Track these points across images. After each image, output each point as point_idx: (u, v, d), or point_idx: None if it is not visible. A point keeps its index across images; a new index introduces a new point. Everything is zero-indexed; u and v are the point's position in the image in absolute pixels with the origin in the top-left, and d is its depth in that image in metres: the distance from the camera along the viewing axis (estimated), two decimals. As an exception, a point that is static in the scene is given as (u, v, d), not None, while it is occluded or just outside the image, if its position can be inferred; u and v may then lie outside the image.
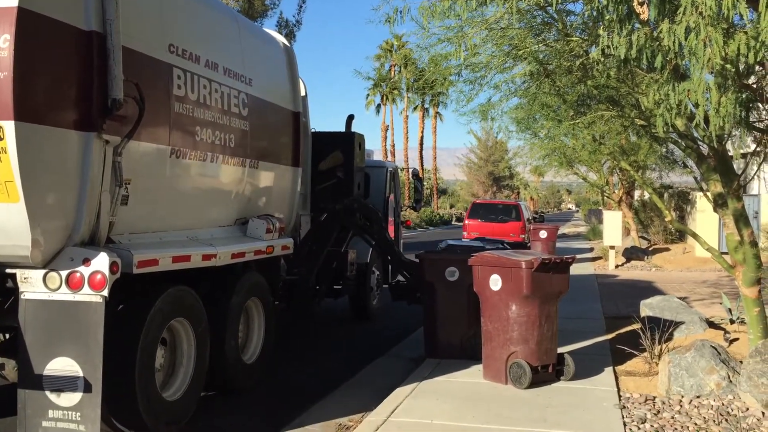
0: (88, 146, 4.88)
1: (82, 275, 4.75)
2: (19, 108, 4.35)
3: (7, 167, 4.38)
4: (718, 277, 15.81)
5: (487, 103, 8.10)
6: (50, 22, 4.59)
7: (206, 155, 6.32)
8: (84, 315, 4.72)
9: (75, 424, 4.64)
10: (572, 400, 6.17)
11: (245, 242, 6.93)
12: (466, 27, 6.28)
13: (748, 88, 4.99)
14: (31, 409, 4.71)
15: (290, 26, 26.22)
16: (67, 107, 4.78)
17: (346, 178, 10.22)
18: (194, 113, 6.10)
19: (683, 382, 6.29)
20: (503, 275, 6.67)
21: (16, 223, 4.52)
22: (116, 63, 4.91)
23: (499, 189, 73.24)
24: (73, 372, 4.66)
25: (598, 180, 23.13)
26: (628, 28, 4.39)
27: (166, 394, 5.64)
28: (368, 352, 8.75)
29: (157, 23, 5.74)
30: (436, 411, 5.86)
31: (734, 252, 6.89)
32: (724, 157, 6.68)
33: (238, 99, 6.85)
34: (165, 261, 5.42)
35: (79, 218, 4.89)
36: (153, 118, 5.45)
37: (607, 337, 8.94)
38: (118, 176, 5.10)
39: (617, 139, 10.70)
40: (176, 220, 6.09)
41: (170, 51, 5.80)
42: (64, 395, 4.66)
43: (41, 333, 4.74)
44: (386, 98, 59.04)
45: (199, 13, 6.58)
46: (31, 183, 4.47)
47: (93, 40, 4.87)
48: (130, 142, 5.19)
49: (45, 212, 4.66)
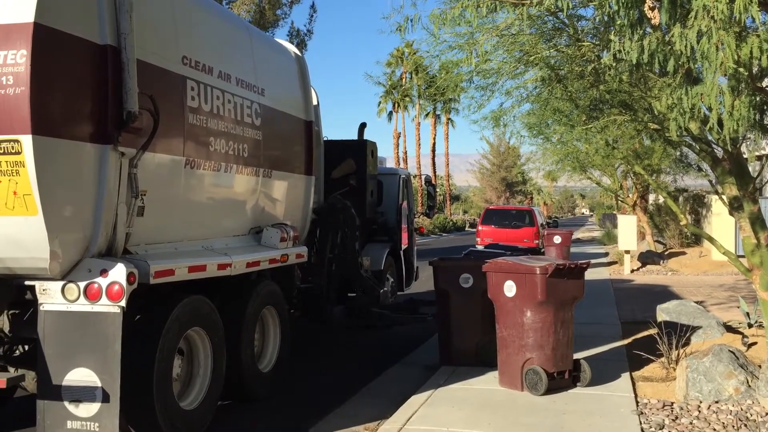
0: (104, 159, 4.93)
1: (99, 286, 4.80)
2: (37, 122, 4.40)
3: (25, 181, 4.44)
4: (735, 280, 15.67)
5: (499, 109, 8.11)
6: (66, 37, 4.64)
7: (220, 165, 6.37)
8: (102, 325, 4.77)
9: None
10: (589, 407, 6.13)
11: (260, 251, 6.95)
12: (476, 34, 6.31)
13: (762, 90, 4.96)
14: (50, 419, 4.75)
15: (301, 35, 26.33)
16: (83, 120, 4.83)
17: (359, 186, 10.22)
18: (208, 124, 6.14)
19: (701, 387, 6.23)
20: (517, 281, 6.65)
21: (35, 236, 4.57)
22: (131, 76, 4.97)
23: (512, 194, 73.05)
24: (92, 382, 4.70)
25: (612, 184, 23.05)
26: (639, 33, 4.38)
27: (184, 404, 5.66)
28: (383, 359, 8.75)
29: (170, 36, 5.79)
30: (451, 418, 5.84)
31: (751, 255, 6.84)
32: (739, 160, 6.64)
33: (251, 109, 6.89)
34: (181, 271, 5.46)
35: (96, 230, 4.93)
36: (167, 130, 5.51)
37: (624, 343, 8.88)
38: (134, 188, 5.16)
39: (631, 144, 10.66)
40: (191, 230, 6.13)
41: (183, 63, 5.85)
42: (83, 406, 4.70)
43: (60, 344, 4.79)
44: (398, 105, 59.12)
45: (211, 25, 6.63)
46: (48, 196, 4.52)
47: (108, 53, 4.92)
48: (145, 154, 5.25)
49: (63, 224, 4.70)
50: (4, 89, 4.39)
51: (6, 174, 4.46)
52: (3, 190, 4.49)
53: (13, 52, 4.39)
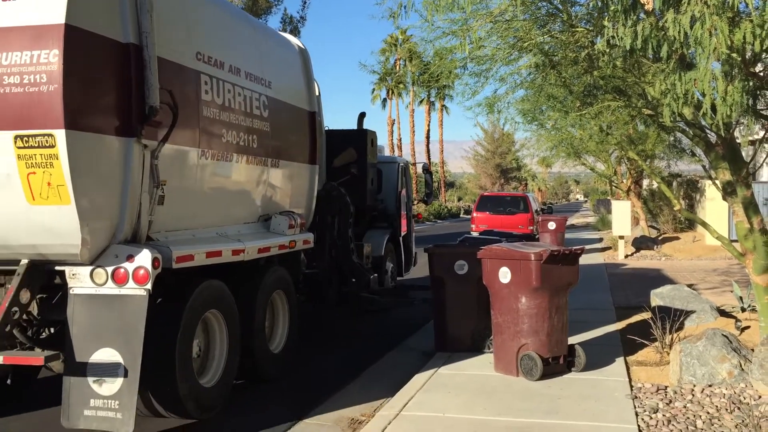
0: (129, 151, 5.21)
1: (126, 271, 5.07)
2: (69, 117, 4.66)
3: (58, 172, 4.70)
4: (729, 265, 15.76)
5: (493, 96, 8.09)
6: (93, 37, 4.91)
7: (232, 156, 6.62)
8: (128, 308, 5.04)
9: (113, 412, 4.90)
10: (584, 391, 6.18)
11: (270, 238, 7.22)
12: (470, 20, 6.28)
13: (755, 76, 4.97)
14: (75, 398, 4.97)
15: (294, 22, 26.19)
16: (110, 115, 5.11)
17: (359, 174, 10.50)
18: (220, 116, 6.39)
19: (695, 371, 6.29)
20: (512, 267, 6.68)
21: (67, 224, 4.85)
22: (152, 72, 5.24)
23: (506, 181, 73.10)
24: (115, 362, 4.95)
25: (606, 170, 23.07)
26: (633, 19, 4.38)
27: (203, 381, 5.95)
28: (380, 343, 8.85)
29: (185, 33, 6.03)
30: (447, 404, 5.89)
31: (744, 240, 6.88)
32: (733, 145, 6.66)
33: (259, 101, 7.13)
34: (200, 256, 5.76)
35: (122, 218, 5.22)
36: (184, 123, 5.75)
37: (618, 327, 8.94)
38: (155, 178, 5.43)
39: (624, 129, 10.66)
40: (206, 217, 6.40)
41: (197, 58, 6.09)
42: (105, 385, 4.94)
43: (88, 325, 5.05)
44: (392, 92, 58.94)
45: (221, 21, 6.87)
46: (80, 186, 4.79)
47: (131, 51, 5.19)
48: (165, 146, 5.51)
49: (93, 213, 4.96)
50: (38, 87, 4.64)
51: (40, 166, 4.72)
52: (37, 181, 4.75)
53: (46, 51, 4.64)
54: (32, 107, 4.68)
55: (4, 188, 4.82)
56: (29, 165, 4.74)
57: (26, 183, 4.78)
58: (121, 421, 4.87)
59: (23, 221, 4.92)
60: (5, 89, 4.71)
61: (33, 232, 4.96)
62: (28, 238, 5.01)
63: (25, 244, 5.05)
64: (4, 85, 4.71)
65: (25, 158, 4.72)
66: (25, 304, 5.11)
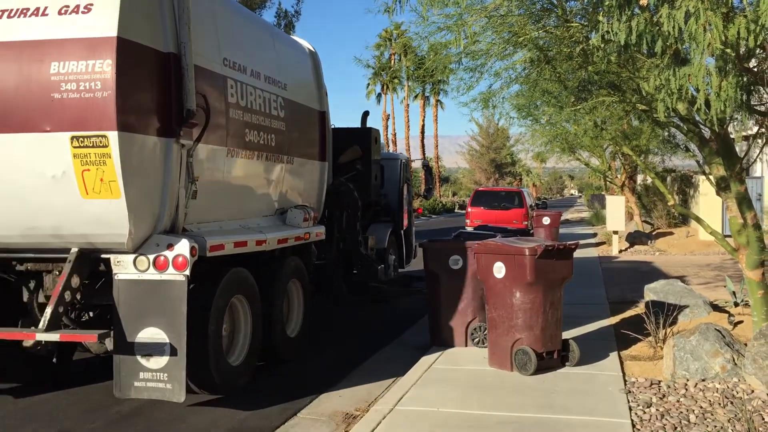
0: (169, 150, 5.75)
1: (166, 258, 5.61)
2: (120, 120, 5.20)
3: (111, 169, 5.24)
4: (722, 260, 15.82)
5: (488, 91, 8.09)
6: (140, 47, 5.46)
7: (253, 153, 7.14)
8: (169, 291, 5.58)
9: (163, 383, 5.49)
10: (577, 386, 6.20)
11: (287, 230, 7.78)
12: (465, 15, 6.27)
13: (749, 71, 4.97)
14: (125, 371, 5.55)
15: (289, 17, 26.14)
16: (154, 118, 5.62)
17: (364, 171, 11.06)
18: (244, 117, 6.92)
19: (688, 366, 6.31)
20: (507, 262, 6.69)
21: (117, 216, 5.39)
22: (189, 79, 5.76)
23: (501, 176, 73.10)
24: (161, 339, 5.50)
25: (601, 165, 23.12)
26: (627, 14, 4.38)
27: (230, 360, 6.53)
28: (378, 338, 8.90)
29: (214, 41, 6.53)
30: (442, 399, 5.90)
31: (737, 235, 6.90)
32: (726, 140, 6.68)
33: (276, 102, 7.66)
34: (229, 246, 6.32)
35: (163, 211, 5.76)
36: (213, 124, 6.28)
37: (612, 322, 8.97)
38: (190, 174, 5.98)
39: (619, 124, 10.69)
40: (231, 211, 6.94)
41: (224, 64, 6.63)
42: (153, 359, 5.51)
43: (133, 307, 5.59)
44: (387, 87, 58.89)
45: (243, 29, 7.42)
46: (129, 182, 5.33)
47: (171, 60, 5.72)
48: (198, 145, 6.03)
49: (138, 206, 5.49)
50: (93, 93, 5.17)
51: (95, 164, 5.25)
52: (91, 177, 5.29)
53: (100, 61, 5.17)
54: (87, 111, 5.18)
55: (60, 184, 5.32)
56: (84, 163, 5.26)
57: (80, 179, 5.29)
58: (171, 391, 5.47)
59: (76, 213, 5.43)
60: (63, 95, 5.21)
61: (85, 223, 5.48)
62: (80, 229, 5.52)
63: (76, 234, 5.56)
64: (61, 91, 5.21)
65: (80, 157, 5.24)
66: (75, 288, 5.62)
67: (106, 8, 5.24)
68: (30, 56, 5.30)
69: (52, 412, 6.16)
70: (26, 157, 5.38)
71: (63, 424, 5.85)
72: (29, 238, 5.68)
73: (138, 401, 6.14)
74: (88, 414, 6.06)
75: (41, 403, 6.39)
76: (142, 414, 6.06)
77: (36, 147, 5.33)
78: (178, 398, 5.47)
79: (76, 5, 5.29)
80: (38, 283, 6.27)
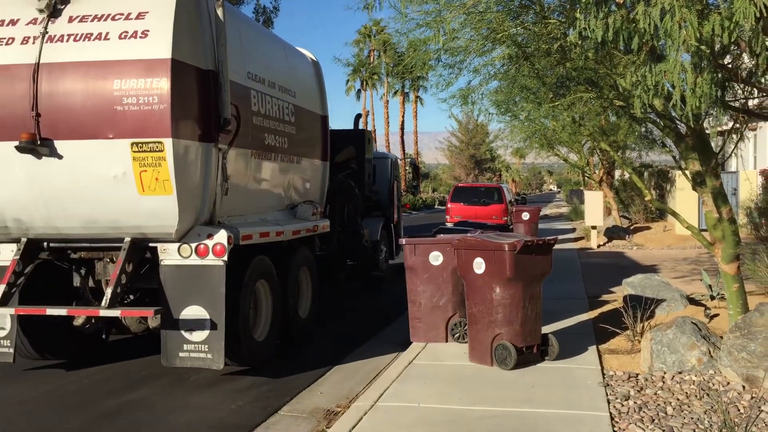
0: (209, 153, 6.62)
1: (206, 246, 6.47)
2: (174, 128, 6.07)
3: (165, 170, 6.11)
4: (698, 254, 16.02)
5: (467, 87, 8.09)
6: (188, 66, 6.31)
7: (271, 155, 8.07)
8: (209, 275, 6.43)
9: (204, 354, 6.32)
10: (557, 380, 6.25)
11: (298, 223, 8.71)
12: (444, 11, 6.27)
13: (724, 68, 5.04)
14: (171, 344, 6.39)
15: (267, 13, 26.01)
16: (198, 126, 6.46)
17: (358, 169, 12.02)
18: (263, 123, 7.82)
19: (665, 359, 6.39)
20: (486, 258, 6.72)
21: (168, 210, 6.25)
22: (226, 92, 6.64)
23: (481, 172, 73.37)
24: (202, 316, 6.35)
25: (579, 161, 23.27)
26: (604, 11, 4.41)
27: (255, 335, 7.31)
28: (358, 334, 8.94)
29: (239, 57, 7.29)
30: (422, 394, 5.92)
31: (713, 229, 6.99)
32: (702, 136, 6.75)
33: (288, 109, 8.56)
34: (256, 236, 7.22)
35: (203, 205, 6.63)
36: (242, 130, 7.13)
37: (591, 316, 9.05)
38: (224, 174, 6.82)
39: (597, 120, 10.76)
40: (253, 206, 7.83)
41: (248, 77, 7.50)
42: (195, 333, 6.34)
43: (177, 289, 6.45)
44: (366, 83, 58.84)
45: (261, 44, 8.34)
46: (179, 181, 6.18)
47: (210, 76, 6.59)
48: (230, 149, 6.88)
49: (186, 201, 6.32)
50: (150, 106, 6.03)
51: (151, 165, 6.10)
52: (147, 177, 6.14)
53: (157, 79, 6.03)
54: (146, 121, 6.03)
55: (121, 183, 6.17)
56: (142, 165, 6.10)
57: (138, 179, 6.14)
58: (212, 360, 6.30)
59: (134, 208, 6.27)
60: (124, 107, 6.05)
61: (140, 216, 6.31)
62: (135, 221, 6.35)
63: (131, 225, 6.40)
64: (123, 104, 6.05)
65: (139, 159, 6.09)
66: (129, 273, 6.46)
67: (160, 34, 6.12)
68: (96, 75, 6.14)
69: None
70: (92, 161, 6.19)
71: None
72: (89, 230, 6.51)
73: (123, 402, 6.22)
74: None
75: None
76: (121, 413, 6.04)
77: (100, 152, 6.14)
78: (217, 366, 6.29)
79: (134, 31, 6.17)
80: (89, 269, 7.18)
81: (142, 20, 6.19)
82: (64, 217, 6.45)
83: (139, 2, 6.30)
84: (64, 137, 6.21)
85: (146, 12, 6.22)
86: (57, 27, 6.35)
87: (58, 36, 6.30)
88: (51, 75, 6.22)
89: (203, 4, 6.61)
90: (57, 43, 6.28)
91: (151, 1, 6.29)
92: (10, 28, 6.42)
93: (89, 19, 6.31)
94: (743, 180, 19.09)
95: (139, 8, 6.25)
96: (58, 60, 6.23)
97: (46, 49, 6.26)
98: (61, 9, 6.41)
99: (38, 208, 6.44)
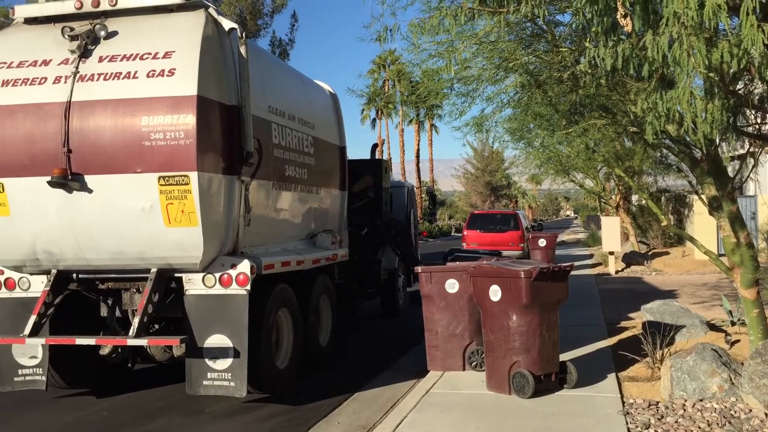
0: (232, 186, 6.71)
1: (230, 276, 6.59)
2: (200, 162, 6.18)
3: (191, 203, 6.21)
4: (718, 279, 15.85)
5: (481, 115, 8.18)
6: (213, 103, 6.44)
7: (291, 186, 8.23)
8: (233, 304, 6.53)
9: (227, 382, 6.39)
10: (576, 408, 6.19)
11: (319, 251, 8.84)
12: (456, 42, 6.36)
13: (735, 94, 5.05)
14: (195, 372, 6.49)
15: (283, 45, 26.40)
16: (222, 159, 6.56)
17: (376, 198, 12.27)
18: (284, 155, 7.98)
19: (685, 386, 6.32)
20: (502, 286, 6.71)
21: (194, 241, 6.35)
22: (248, 126, 6.74)
23: (497, 198, 73.22)
24: (226, 344, 6.43)
25: (595, 186, 23.21)
26: (614, 39, 4.45)
27: (277, 363, 7.43)
28: (376, 363, 8.92)
29: (261, 91, 7.42)
30: (440, 423, 5.89)
31: (731, 254, 6.94)
32: (717, 160, 6.75)
33: (307, 141, 8.74)
34: (278, 265, 7.35)
35: (227, 236, 6.72)
36: (263, 162, 7.27)
37: (609, 343, 8.97)
38: (247, 205, 6.97)
39: (611, 146, 10.77)
40: (274, 235, 7.94)
41: (269, 111, 7.66)
42: (219, 361, 6.43)
43: (201, 318, 6.55)
44: (381, 113, 59.17)
45: (281, 78, 8.54)
46: (204, 212, 6.28)
47: (234, 111, 6.70)
48: (253, 181, 7.03)
49: (211, 232, 6.42)
50: (177, 141, 6.15)
51: (177, 198, 6.21)
52: (174, 209, 6.24)
53: (184, 115, 6.15)
54: (173, 155, 6.14)
55: (149, 215, 6.28)
56: (168, 198, 6.22)
57: (165, 211, 6.24)
58: (234, 388, 6.38)
59: (160, 239, 6.37)
60: (152, 142, 6.17)
61: (166, 247, 6.42)
62: (161, 252, 6.46)
63: (157, 257, 6.50)
64: (151, 140, 6.18)
65: (166, 192, 6.21)
66: (155, 302, 6.56)
67: (187, 72, 6.26)
68: (125, 112, 6.28)
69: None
70: (120, 194, 6.32)
71: None
72: (117, 261, 6.63)
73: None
74: None
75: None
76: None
77: (129, 185, 6.27)
78: (240, 394, 6.36)
79: (161, 70, 6.31)
80: (116, 299, 7.23)
81: (168, 59, 6.35)
82: (94, 249, 6.56)
83: (166, 42, 6.46)
84: (94, 172, 6.34)
85: (173, 51, 6.39)
86: (88, 66, 6.53)
87: (88, 75, 6.47)
88: (82, 112, 6.37)
89: (227, 42, 6.76)
90: (88, 82, 6.45)
91: (177, 41, 6.45)
92: (43, 68, 6.61)
93: (118, 58, 6.49)
94: (761, 204, 18.93)
95: (166, 48, 6.42)
96: (88, 98, 6.39)
97: (78, 88, 6.43)
98: (91, 49, 6.61)
99: (68, 241, 6.56)
